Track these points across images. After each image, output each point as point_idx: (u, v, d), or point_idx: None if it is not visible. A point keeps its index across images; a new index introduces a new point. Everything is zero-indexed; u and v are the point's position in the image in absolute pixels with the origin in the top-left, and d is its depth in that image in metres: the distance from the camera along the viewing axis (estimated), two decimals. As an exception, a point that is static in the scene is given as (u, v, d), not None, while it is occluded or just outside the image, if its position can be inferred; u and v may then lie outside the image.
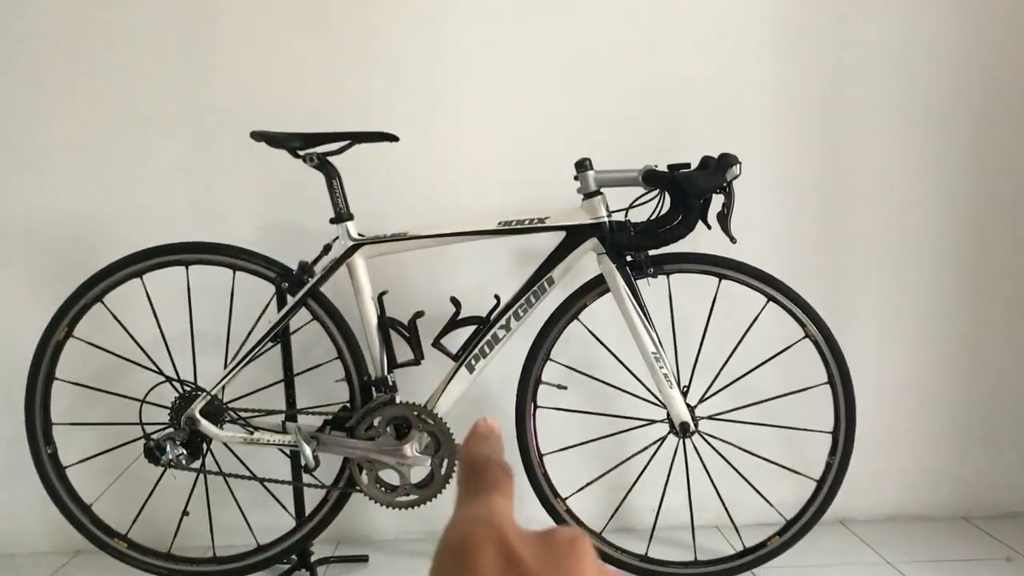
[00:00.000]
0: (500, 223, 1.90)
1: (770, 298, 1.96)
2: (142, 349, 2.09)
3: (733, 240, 1.81)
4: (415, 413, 1.90)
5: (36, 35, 2.21)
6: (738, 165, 1.80)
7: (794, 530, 2.02)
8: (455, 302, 1.92)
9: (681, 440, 1.99)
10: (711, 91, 2.28)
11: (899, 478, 2.41)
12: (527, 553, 0.27)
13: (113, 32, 2.22)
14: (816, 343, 1.96)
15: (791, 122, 2.29)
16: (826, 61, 2.28)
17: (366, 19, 2.23)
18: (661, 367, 1.90)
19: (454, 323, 1.92)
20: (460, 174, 2.27)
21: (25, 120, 2.23)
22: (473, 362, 1.93)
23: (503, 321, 1.92)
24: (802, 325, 1.95)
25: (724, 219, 1.81)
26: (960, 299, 2.36)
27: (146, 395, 1.97)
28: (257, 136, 1.90)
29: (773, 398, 2.14)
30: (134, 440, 2.04)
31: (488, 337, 1.93)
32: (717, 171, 1.79)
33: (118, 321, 2.08)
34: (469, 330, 1.94)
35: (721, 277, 1.96)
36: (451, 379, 1.94)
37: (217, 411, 1.98)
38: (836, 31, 2.27)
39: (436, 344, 1.91)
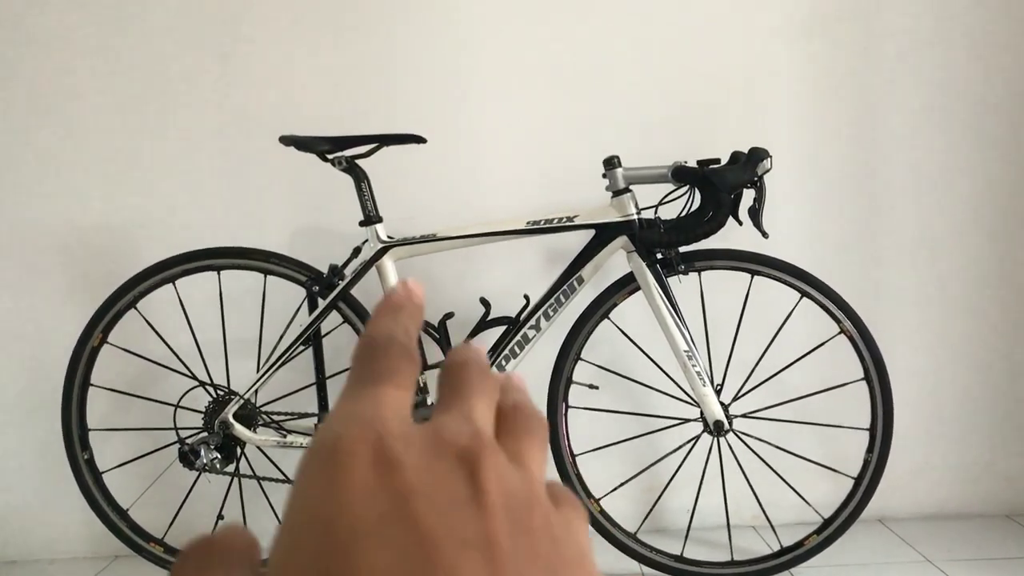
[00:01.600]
0: (529, 223, 1.89)
1: (804, 293, 1.93)
2: (175, 354, 2.10)
3: (765, 235, 1.79)
4: (447, 414, 1.89)
5: (70, 46, 2.24)
6: (769, 159, 1.78)
7: (832, 528, 1.99)
8: (485, 303, 1.91)
9: (715, 439, 1.97)
10: (740, 86, 2.26)
11: (938, 475, 2.37)
12: (411, 461, 0.22)
13: (145, 41, 2.24)
14: (852, 339, 1.93)
15: (822, 116, 2.26)
16: (856, 53, 2.25)
17: (393, 22, 2.23)
18: (694, 365, 1.89)
19: (484, 324, 1.92)
20: (488, 174, 2.27)
21: (60, 129, 2.26)
22: (503, 363, 1.93)
23: (533, 321, 1.92)
24: (837, 321, 1.93)
25: (755, 214, 1.79)
26: (999, 292, 2.32)
27: (180, 400, 1.99)
28: (286, 140, 1.91)
29: (808, 395, 2.11)
30: (169, 445, 2.05)
31: (518, 337, 1.92)
32: (748, 166, 1.77)
33: (151, 327, 2.09)
34: (499, 331, 1.94)
35: (753, 273, 1.94)
36: (482, 380, 1.93)
37: (250, 415, 1.99)
38: (867, 23, 2.24)
39: (466, 345, 1.90)
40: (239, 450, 2.01)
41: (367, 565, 0.19)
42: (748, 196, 1.81)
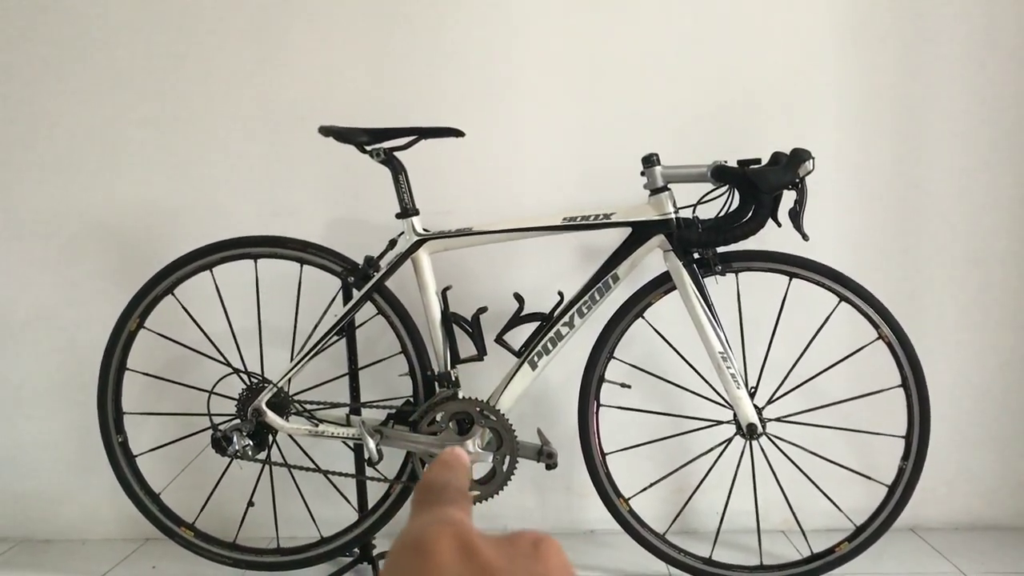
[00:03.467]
0: (565, 219, 1.88)
1: (842, 298, 1.91)
2: (211, 341, 2.12)
3: (806, 237, 1.77)
4: (477, 409, 1.90)
5: (116, 34, 2.26)
6: (811, 160, 1.76)
7: (864, 536, 1.97)
8: (518, 298, 1.91)
9: (748, 442, 1.96)
10: (780, 86, 2.23)
11: (974, 485, 2.33)
12: (488, 548, 0.26)
13: (187, 28, 2.26)
14: (890, 345, 1.90)
15: (866, 119, 2.23)
16: (899, 55, 2.22)
17: (435, 16, 2.23)
18: (728, 367, 1.87)
19: (517, 319, 1.91)
20: (526, 170, 2.26)
21: (102, 117, 2.28)
22: (536, 359, 1.92)
23: (567, 318, 1.91)
24: (875, 326, 1.90)
25: (796, 216, 1.77)
26: (1041, 302, 2.28)
27: (214, 386, 2.00)
28: (325, 131, 1.92)
29: (844, 400, 2.09)
30: (202, 431, 2.07)
31: (551, 334, 1.91)
32: (789, 167, 1.75)
33: (188, 313, 2.11)
34: (532, 326, 1.93)
35: (792, 276, 1.92)
36: (514, 375, 1.93)
37: (283, 403, 2.00)
38: (913, 25, 2.20)
39: (499, 340, 1.90)
40: (271, 438, 2.02)
41: None
42: (788, 198, 1.79)
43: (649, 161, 1.87)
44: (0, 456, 2.39)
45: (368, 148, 1.91)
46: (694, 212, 1.87)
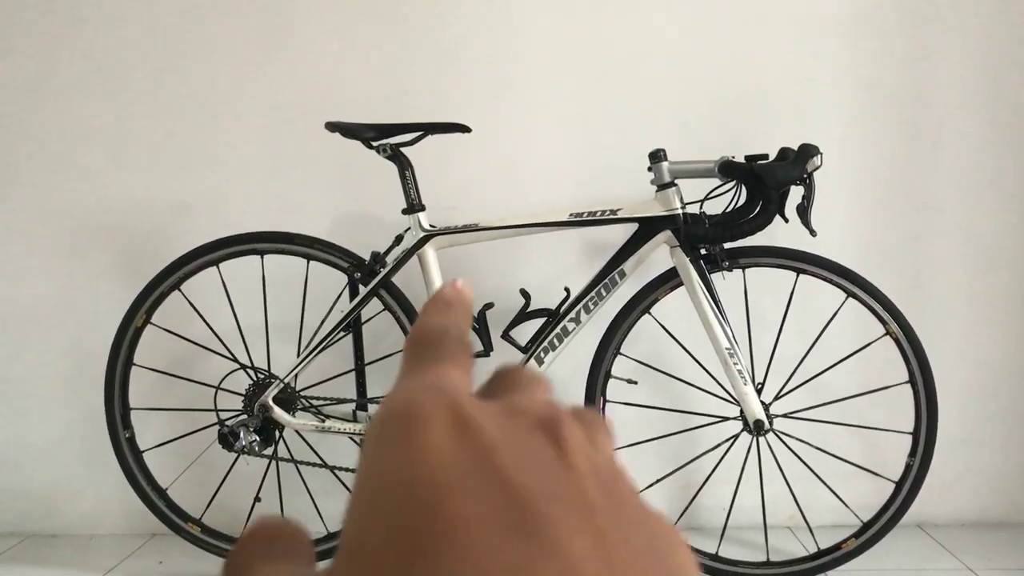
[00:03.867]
0: (571, 214, 1.88)
1: (850, 294, 1.90)
2: (218, 337, 2.12)
3: (813, 233, 1.76)
4: (484, 405, 1.89)
5: (119, 29, 2.26)
6: (819, 156, 1.75)
7: (871, 533, 1.96)
8: (525, 294, 1.91)
9: (755, 438, 1.95)
10: (788, 81, 2.22)
11: (982, 482, 2.32)
12: (490, 423, 0.21)
13: (192, 26, 2.26)
14: (897, 341, 1.89)
15: (871, 112, 2.22)
16: (907, 50, 2.21)
17: (440, 11, 2.23)
18: (735, 363, 1.86)
19: (524, 315, 1.91)
20: (532, 165, 2.26)
21: (107, 113, 2.29)
22: (542, 355, 1.92)
23: (573, 314, 1.91)
24: (883, 322, 1.89)
25: (804, 211, 1.76)
26: (1049, 298, 2.27)
27: (221, 382, 2.01)
28: (332, 127, 1.92)
29: (852, 396, 2.08)
30: (209, 426, 2.07)
31: (558, 330, 1.91)
32: (797, 162, 1.75)
33: (195, 309, 2.11)
34: (538, 322, 1.93)
35: (799, 271, 1.91)
36: (521, 371, 1.92)
37: (290, 399, 2.01)
38: (917, 18, 2.20)
39: (505, 336, 1.90)
40: (278, 433, 2.02)
41: (455, 517, 0.18)
42: (796, 193, 1.79)
43: (656, 156, 1.86)
44: (8, 452, 2.40)
45: (375, 144, 1.91)
46: (701, 208, 1.87)
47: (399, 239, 1.95)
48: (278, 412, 1.97)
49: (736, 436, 2.02)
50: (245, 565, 0.23)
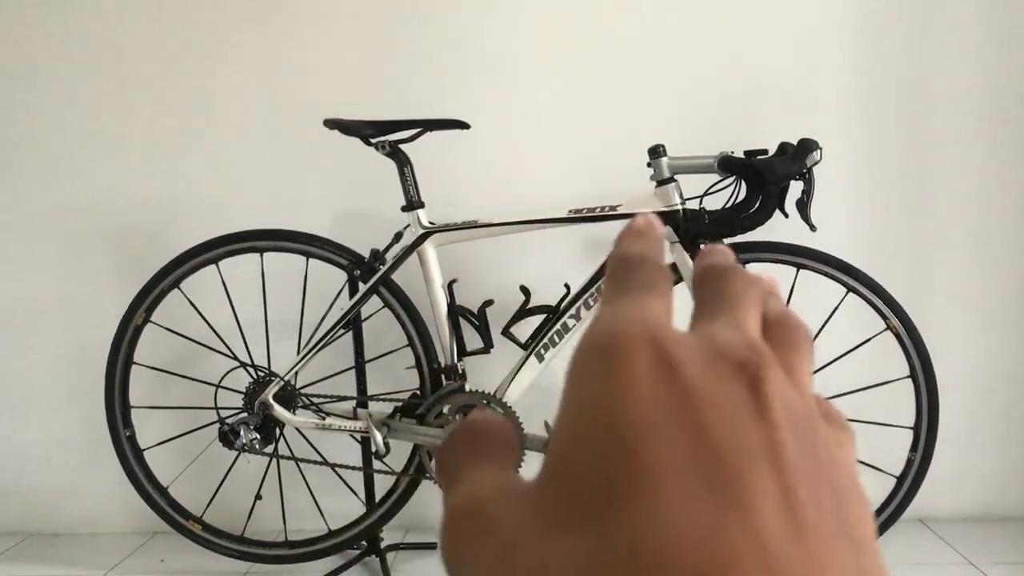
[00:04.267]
0: (571, 211, 1.88)
1: (850, 289, 1.90)
2: (217, 335, 2.12)
3: (813, 228, 1.76)
4: (484, 401, 1.89)
5: (116, 29, 2.26)
6: (819, 151, 1.74)
7: (872, 528, 1.96)
8: (525, 291, 1.91)
9: (755, 433, 1.95)
10: (787, 76, 2.22)
11: (983, 476, 2.32)
12: (691, 364, 0.21)
13: (191, 23, 2.25)
14: (898, 335, 1.89)
15: (873, 109, 2.22)
16: (908, 44, 2.20)
17: (439, 7, 2.23)
18: (735, 358, 1.86)
19: (524, 312, 1.91)
20: (531, 162, 2.25)
21: (104, 110, 2.28)
22: (543, 351, 1.92)
23: (573, 310, 1.90)
24: (884, 317, 1.89)
25: (803, 206, 1.76)
26: (1050, 291, 2.26)
27: (221, 380, 2.01)
28: (330, 124, 1.91)
29: (852, 392, 2.08)
30: (209, 424, 2.07)
31: (558, 326, 1.91)
32: (796, 157, 1.74)
33: (194, 307, 2.11)
34: (539, 319, 1.93)
35: (799, 267, 1.91)
36: (520, 368, 1.93)
37: (290, 396, 2.01)
38: (922, 14, 2.19)
39: (506, 333, 1.90)
40: (278, 431, 2.02)
41: (652, 463, 0.19)
42: (796, 188, 1.78)
43: (655, 152, 1.86)
44: (8, 451, 2.40)
45: (373, 141, 1.90)
46: (701, 203, 1.86)
47: (398, 236, 1.95)
48: (278, 410, 1.97)
49: (737, 432, 2.02)
50: (455, 464, 0.24)
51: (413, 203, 1.93)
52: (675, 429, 0.19)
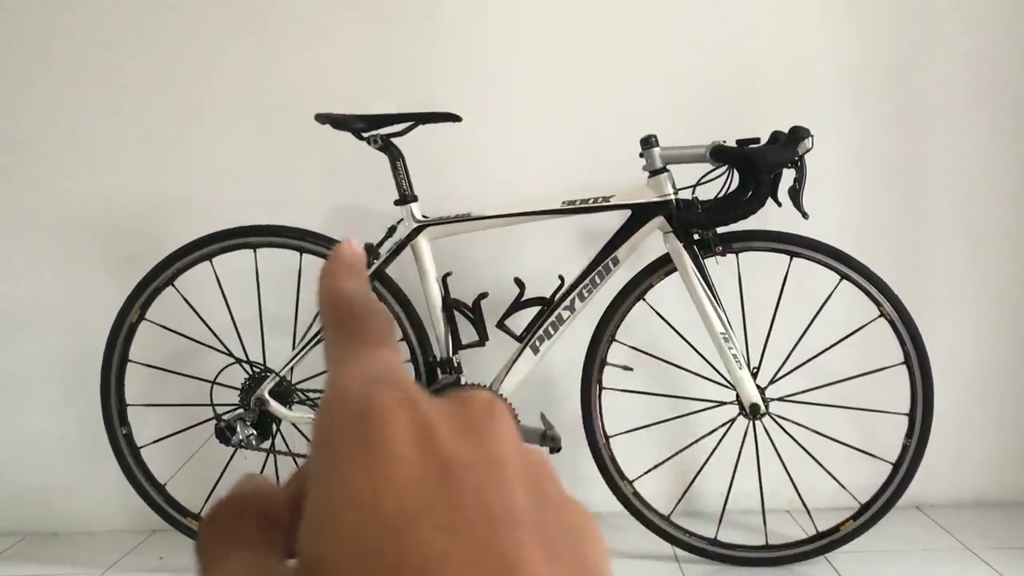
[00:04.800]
0: (564, 203, 1.88)
1: (844, 276, 1.90)
2: (212, 331, 2.12)
3: (805, 216, 1.76)
4: (481, 394, 1.89)
5: (109, 24, 2.25)
6: (810, 139, 1.75)
7: (869, 514, 1.97)
8: (519, 283, 1.91)
9: (751, 422, 1.96)
10: (781, 65, 2.22)
11: (979, 462, 2.33)
12: (443, 426, 0.20)
13: (184, 20, 2.25)
14: (892, 322, 1.90)
15: (865, 96, 2.22)
16: (900, 31, 2.20)
17: (429, 1, 2.22)
18: (730, 348, 1.87)
19: (518, 304, 1.91)
20: (524, 154, 2.25)
21: (96, 108, 2.28)
22: (538, 343, 1.92)
23: (567, 302, 1.91)
24: (877, 304, 1.90)
25: (796, 194, 1.76)
26: (1043, 277, 2.27)
27: (216, 376, 2.01)
28: (322, 118, 1.91)
29: (847, 379, 2.08)
30: (206, 421, 2.07)
31: (552, 318, 1.91)
32: (788, 145, 1.75)
33: (189, 304, 2.11)
34: (533, 311, 1.93)
35: (792, 255, 1.91)
36: (516, 360, 1.93)
37: (286, 392, 2.01)
38: (914, 1, 2.19)
39: (500, 325, 1.90)
40: (275, 427, 2.02)
41: (425, 551, 0.17)
42: (788, 176, 1.79)
43: (647, 142, 1.86)
44: (5, 450, 2.39)
45: (365, 135, 1.90)
46: (693, 193, 1.87)
47: (392, 230, 1.95)
48: (275, 406, 1.97)
49: (732, 420, 2.03)
50: (211, 550, 0.22)
51: (406, 197, 1.93)
52: (442, 507, 0.18)
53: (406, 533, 0.18)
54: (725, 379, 1.95)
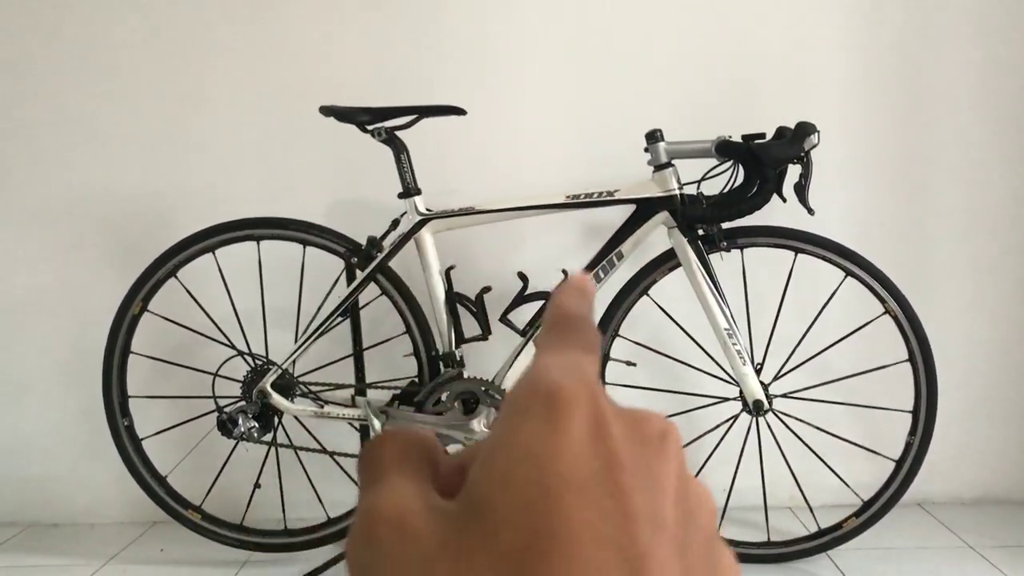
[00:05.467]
0: (568, 197, 1.87)
1: (848, 272, 1.90)
2: (215, 323, 2.12)
3: (811, 212, 1.76)
4: (483, 388, 1.89)
5: (111, 17, 2.24)
6: (816, 134, 1.74)
7: (871, 511, 1.97)
8: (522, 277, 1.90)
9: (755, 418, 1.95)
10: (787, 61, 2.21)
11: (982, 460, 2.32)
12: (618, 430, 0.22)
13: (186, 11, 2.24)
14: (896, 319, 1.89)
15: (869, 91, 2.21)
16: (905, 27, 2.19)
17: (433, -8, 2.22)
18: (734, 344, 1.86)
19: (521, 298, 1.90)
20: (529, 147, 2.25)
21: (99, 100, 2.27)
22: (541, 338, 1.91)
23: (571, 296, 1.90)
24: (882, 301, 1.89)
25: (801, 190, 1.75)
26: (1049, 275, 2.26)
27: (219, 369, 2.00)
28: (326, 111, 1.91)
29: (851, 376, 2.08)
30: (207, 413, 2.07)
31: (556, 312, 1.90)
32: (794, 141, 1.74)
33: (191, 296, 2.11)
34: (536, 305, 1.92)
35: (797, 251, 1.90)
36: (518, 354, 1.93)
37: (288, 385, 2.00)
38: (918, -5, 2.19)
39: (503, 319, 1.90)
40: (276, 419, 2.02)
41: (573, 524, 0.20)
42: (794, 172, 1.78)
43: (653, 137, 1.85)
44: (7, 442, 2.39)
45: (369, 128, 1.90)
46: (698, 188, 1.86)
47: (395, 223, 1.94)
48: (276, 398, 1.96)
49: (736, 417, 2.02)
50: (380, 464, 0.25)
51: (410, 190, 1.92)
52: (599, 490, 0.21)
53: (561, 497, 0.20)
54: (728, 375, 1.95)
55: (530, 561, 0.19)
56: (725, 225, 1.87)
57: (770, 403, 1.90)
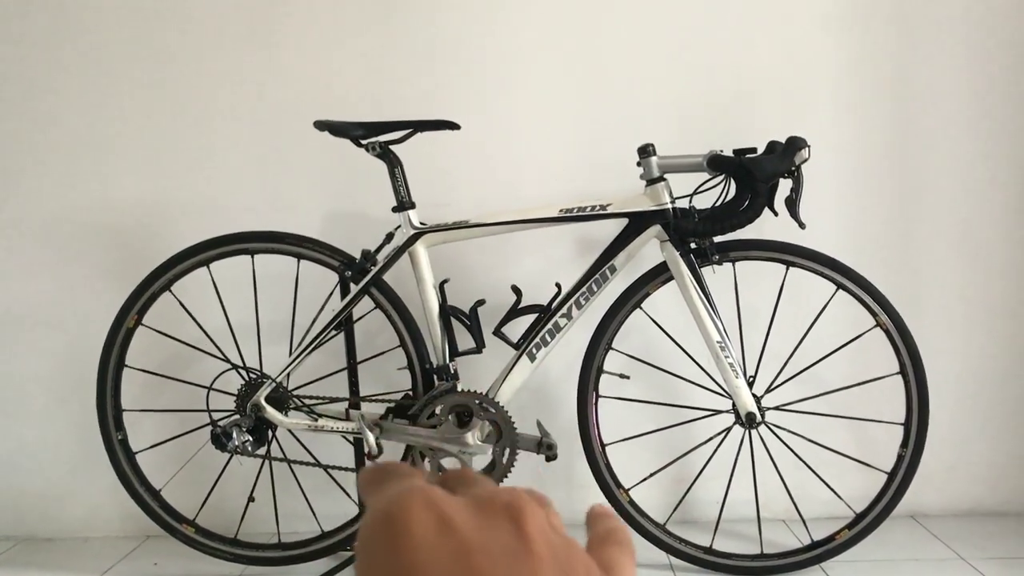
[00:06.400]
0: (561, 210, 1.88)
1: (840, 286, 1.91)
2: (209, 337, 2.12)
3: (802, 226, 1.77)
4: (477, 401, 1.90)
5: (108, 30, 2.26)
6: (807, 148, 1.76)
7: (864, 524, 1.97)
8: (516, 290, 1.91)
9: (747, 431, 1.96)
10: (776, 74, 2.23)
11: (974, 472, 2.33)
12: (463, 519, 0.24)
13: (183, 26, 2.25)
14: (888, 332, 1.90)
15: (862, 106, 2.23)
16: (898, 41, 2.21)
17: (429, 8, 2.23)
18: (726, 356, 1.87)
19: (515, 311, 1.91)
20: (522, 162, 2.26)
21: (95, 113, 2.28)
22: (534, 351, 1.92)
23: (564, 310, 1.91)
24: (873, 314, 1.90)
25: (792, 204, 1.77)
26: (1039, 287, 2.28)
27: (213, 382, 2.00)
28: (320, 125, 1.92)
29: (843, 388, 2.09)
30: (201, 427, 2.07)
31: (549, 326, 1.91)
32: (785, 155, 1.75)
33: (185, 309, 2.11)
34: (530, 319, 1.93)
35: (789, 264, 1.92)
36: (512, 368, 1.93)
37: (282, 398, 2.00)
38: (909, 9, 2.20)
39: (497, 332, 1.90)
40: (270, 433, 2.02)
41: None
42: (785, 186, 1.79)
43: (645, 151, 1.87)
44: (1, 454, 2.39)
45: (364, 142, 1.90)
46: (690, 202, 1.87)
47: (390, 237, 1.95)
48: (270, 412, 1.97)
49: (728, 429, 2.03)
50: (377, 482, 0.27)
51: (404, 204, 1.93)
52: None
53: None
54: (721, 388, 1.96)
55: None
56: (717, 239, 1.88)
57: (763, 416, 1.90)
